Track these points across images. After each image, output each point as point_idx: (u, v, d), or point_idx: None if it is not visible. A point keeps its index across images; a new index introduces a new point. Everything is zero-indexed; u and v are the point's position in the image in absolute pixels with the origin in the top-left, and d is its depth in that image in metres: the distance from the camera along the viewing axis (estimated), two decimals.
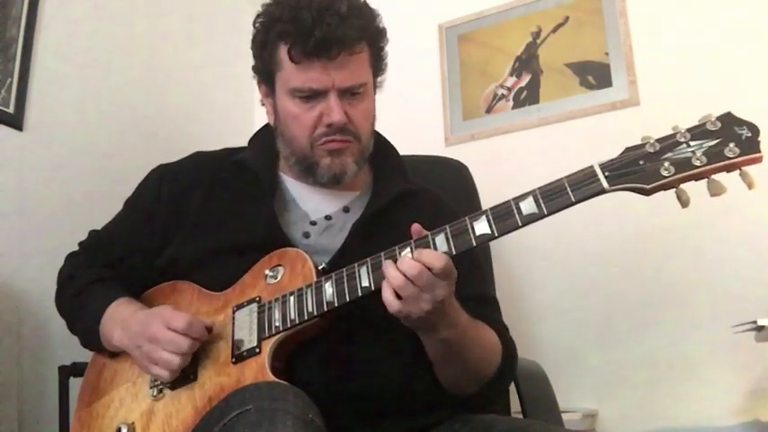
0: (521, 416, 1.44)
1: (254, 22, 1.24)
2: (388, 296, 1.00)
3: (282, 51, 1.18)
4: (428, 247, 1.01)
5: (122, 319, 1.18)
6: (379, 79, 1.30)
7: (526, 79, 2.44)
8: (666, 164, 0.92)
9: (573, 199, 0.95)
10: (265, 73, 1.25)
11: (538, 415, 1.44)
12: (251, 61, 1.29)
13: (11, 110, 1.77)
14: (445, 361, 1.13)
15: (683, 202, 0.92)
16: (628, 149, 0.95)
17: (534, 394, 1.49)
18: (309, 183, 1.27)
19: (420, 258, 0.99)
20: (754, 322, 1.57)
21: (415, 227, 1.04)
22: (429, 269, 0.98)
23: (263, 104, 1.32)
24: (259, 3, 1.24)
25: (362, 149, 1.25)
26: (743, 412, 1.89)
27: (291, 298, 1.09)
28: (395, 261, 1.01)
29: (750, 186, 0.89)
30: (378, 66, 1.28)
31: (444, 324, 1.05)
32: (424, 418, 1.15)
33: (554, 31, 2.42)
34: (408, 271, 0.98)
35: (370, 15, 1.22)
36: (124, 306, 1.20)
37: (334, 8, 1.14)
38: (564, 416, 1.61)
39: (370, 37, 1.22)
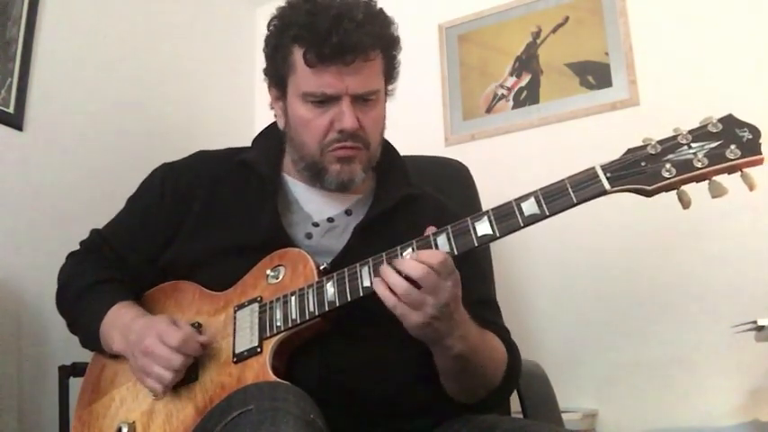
0: (521, 416, 1.44)
1: (269, 25, 1.24)
2: (383, 291, 1.00)
3: (297, 55, 1.18)
4: (430, 247, 1.02)
5: (122, 324, 1.17)
6: (390, 87, 1.30)
7: (526, 79, 2.44)
8: (668, 165, 0.92)
9: (574, 200, 0.95)
10: (277, 76, 1.25)
11: (538, 415, 1.45)
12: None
13: (11, 110, 1.77)
14: (455, 374, 1.13)
15: (685, 203, 0.93)
16: (629, 151, 0.96)
17: (534, 394, 1.50)
18: (316, 187, 1.27)
19: (420, 258, 0.99)
20: (754, 322, 1.58)
21: (431, 228, 1.04)
22: (430, 267, 0.98)
23: (272, 108, 1.31)
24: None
25: (371, 157, 1.25)
26: (743, 412, 1.90)
27: (293, 298, 1.09)
28: (392, 266, 1.00)
29: (751, 188, 0.89)
30: (390, 73, 1.28)
31: (455, 336, 1.05)
32: (424, 419, 1.15)
33: (554, 31, 2.42)
34: (413, 272, 0.98)
35: (386, 23, 1.23)
36: (125, 310, 1.20)
37: (350, 14, 1.14)
38: (564, 416, 1.61)
39: (385, 44, 1.22)
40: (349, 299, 1.05)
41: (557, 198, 0.96)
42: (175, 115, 2.34)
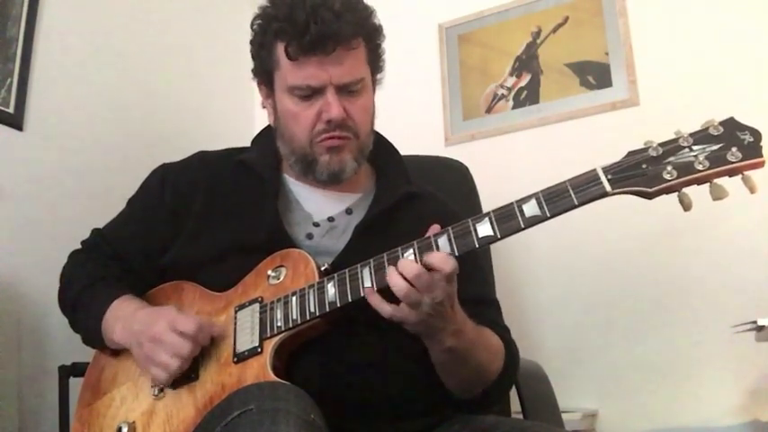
0: (521, 416, 1.44)
1: (252, 24, 1.25)
2: (376, 302, 1.02)
3: (279, 50, 1.19)
4: (431, 248, 1.02)
5: (124, 315, 1.17)
6: (378, 76, 1.30)
7: (526, 79, 2.44)
8: (669, 167, 0.92)
9: (576, 201, 0.95)
10: (264, 73, 1.26)
11: (538, 415, 1.45)
12: (251, 62, 1.29)
13: (11, 110, 1.77)
14: (449, 367, 1.14)
15: (686, 205, 0.93)
16: (630, 153, 0.96)
17: (534, 394, 1.50)
18: (310, 182, 1.27)
19: (431, 262, 0.99)
20: (754, 322, 1.58)
21: (435, 227, 1.05)
22: (438, 271, 0.98)
23: (263, 106, 1.32)
24: (259, 4, 1.25)
25: (361, 146, 1.25)
26: (743, 412, 1.90)
27: (293, 298, 1.09)
28: (396, 266, 1.01)
29: (752, 191, 0.89)
30: (375, 62, 1.28)
31: (448, 332, 1.06)
32: (424, 419, 1.16)
33: (554, 31, 2.42)
34: (412, 276, 0.98)
35: (365, 12, 1.23)
36: (127, 303, 1.20)
37: (328, 5, 1.14)
38: (564, 416, 1.62)
39: (366, 33, 1.23)
40: (350, 299, 1.05)
41: (558, 199, 0.96)
42: (175, 115, 2.33)
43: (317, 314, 1.07)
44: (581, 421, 1.98)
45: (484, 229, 1.00)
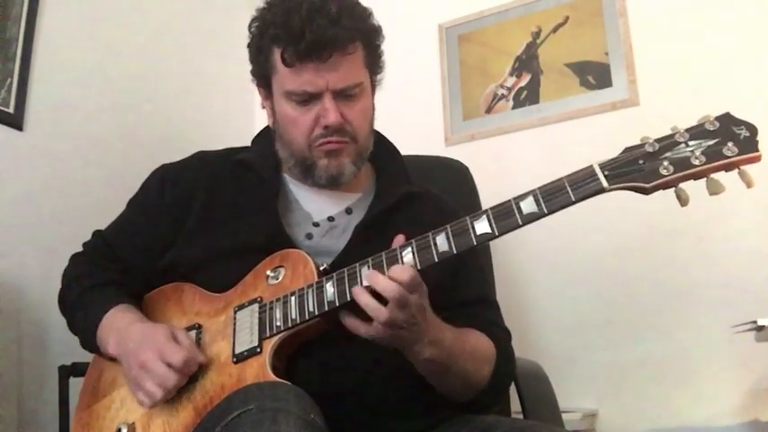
0: (521, 416, 1.44)
1: (249, 27, 1.25)
2: (355, 324, 1.03)
3: (276, 55, 1.18)
4: (428, 246, 1.02)
5: (119, 328, 1.17)
6: (377, 77, 1.30)
7: (526, 79, 2.44)
8: (665, 163, 0.92)
9: (573, 198, 0.95)
10: (262, 77, 1.26)
11: (538, 415, 1.45)
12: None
13: (11, 110, 1.77)
14: (433, 376, 1.13)
15: (683, 201, 0.93)
16: (627, 149, 0.96)
17: (534, 394, 1.50)
18: (309, 184, 1.27)
19: (391, 275, 0.99)
20: (754, 322, 1.57)
21: (398, 238, 1.05)
22: (400, 283, 0.98)
23: (263, 107, 1.32)
24: (257, 6, 1.25)
25: (360, 150, 1.25)
26: (743, 412, 1.90)
27: (293, 298, 1.09)
28: (362, 282, 1.02)
29: (749, 185, 0.89)
30: (374, 64, 1.27)
31: (424, 342, 1.05)
32: (423, 419, 1.15)
33: (554, 31, 2.42)
34: (388, 293, 0.98)
35: (363, 15, 1.22)
36: (121, 314, 1.20)
37: (324, 10, 1.14)
38: (564, 416, 1.61)
39: (364, 36, 1.22)
40: (348, 299, 1.05)
41: (555, 196, 0.96)
42: (175, 115, 2.34)
43: (316, 314, 1.06)
44: (581, 421, 1.97)
45: (482, 226, 1.00)
